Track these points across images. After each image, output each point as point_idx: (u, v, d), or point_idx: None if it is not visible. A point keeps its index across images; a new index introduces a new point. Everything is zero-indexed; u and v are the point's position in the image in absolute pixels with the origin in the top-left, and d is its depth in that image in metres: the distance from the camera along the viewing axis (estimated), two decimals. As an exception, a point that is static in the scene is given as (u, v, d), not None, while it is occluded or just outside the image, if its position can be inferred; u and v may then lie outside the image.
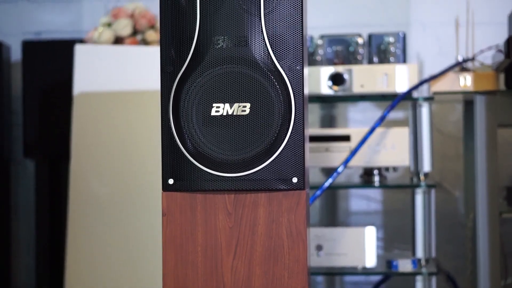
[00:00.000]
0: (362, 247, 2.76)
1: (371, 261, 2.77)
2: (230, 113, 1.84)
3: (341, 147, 2.84)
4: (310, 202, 2.56)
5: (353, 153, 2.75)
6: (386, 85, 2.81)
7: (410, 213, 2.86)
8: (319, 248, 2.78)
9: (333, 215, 3.43)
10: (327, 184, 2.67)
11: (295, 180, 1.85)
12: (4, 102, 3.46)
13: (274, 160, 1.84)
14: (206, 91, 1.84)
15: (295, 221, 1.88)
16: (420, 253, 2.80)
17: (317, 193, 2.63)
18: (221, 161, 1.84)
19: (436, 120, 3.27)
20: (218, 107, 1.84)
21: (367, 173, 2.93)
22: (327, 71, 2.84)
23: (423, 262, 2.80)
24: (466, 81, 2.85)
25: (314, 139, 2.84)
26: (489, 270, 2.87)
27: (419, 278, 2.80)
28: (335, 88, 2.84)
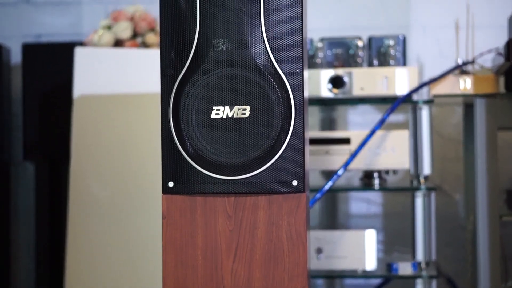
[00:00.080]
0: (362, 250, 2.76)
1: (371, 264, 2.77)
2: (230, 116, 1.84)
3: (341, 150, 2.83)
4: (310, 205, 2.56)
5: (353, 156, 2.75)
6: (386, 88, 2.81)
7: (410, 216, 2.86)
8: (319, 251, 2.78)
9: (333, 218, 3.43)
10: (327, 187, 2.67)
11: (295, 183, 1.85)
12: (4, 105, 3.46)
13: (274, 163, 1.84)
14: (206, 94, 1.84)
15: (295, 224, 1.87)
16: (420, 256, 2.80)
17: (317, 196, 2.63)
18: (221, 164, 1.84)
19: (436, 123, 3.27)
20: (218, 110, 1.84)
21: (367, 176, 2.93)
22: (327, 74, 2.84)
23: (423, 265, 2.80)
24: (466, 84, 2.85)
25: (314, 142, 2.84)
26: (490, 273, 2.87)
27: (419, 281, 2.80)
28: (335, 91, 2.84)
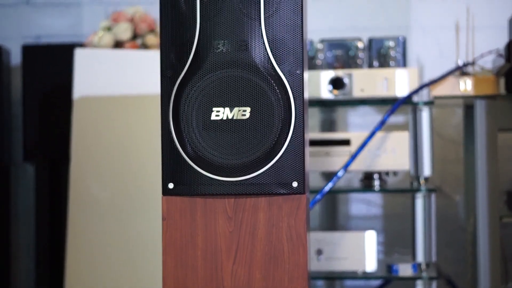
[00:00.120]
0: (362, 251, 2.76)
1: (371, 265, 2.77)
2: (230, 117, 1.84)
3: (341, 151, 2.83)
4: (310, 206, 2.56)
5: (353, 157, 2.75)
6: (386, 89, 2.81)
7: (411, 218, 2.86)
8: (319, 252, 2.78)
9: (333, 220, 3.43)
10: (327, 188, 2.67)
11: (295, 184, 1.85)
12: (4, 106, 3.46)
13: (274, 164, 1.84)
14: (206, 95, 1.84)
15: (295, 225, 1.87)
16: (420, 257, 2.80)
17: (317, 198, 2.63)
18: (221, 165, 1.84)
19: (436, 124, 3.27)
20: (218, 111, 1.84)
21: (367, 177, 2.93)
22: (327, 75, 2.84)
23: (423, 266, 2.79)
24: (466, 85, 2.85)
25: (314, 143, 2.84)
26: (490, 275, 2.87)
27: (419, 283, 2.80)
28: (335, 92, 2.84)
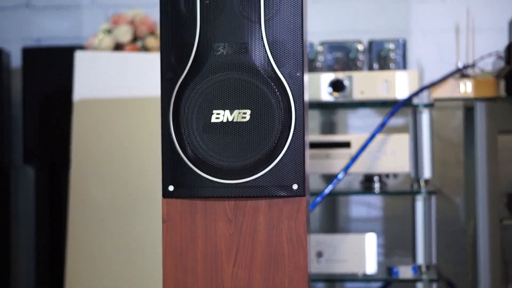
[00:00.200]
0: (362, 253, 2.76)
1: (371, 267, 2.77)
2: (230, 119, 1.84)
3: (342, 153, 2.83)
4: (311, 208, 2.56)
5: (353, 159, 2.75)
6: (386, 92, 2.81)
7: (411, 220, 2.86)
8: (319, 254, 2.78)
9: (333, 222, 3.43)
10: (327, 190, 2.67)
11: (295, 186, 1.85)
12: (4, 109, 3.46)
13: (274, 166, 1.84)
14: (206, 97, 1.84)
15: (295, 227, 1.87)
16: (420, 259, 2.80)
17: (318, 200, 2.63)
18: (221, 167, 1.84)
19: (436, 126, 3.27)
20: (218, 113, 1.84)
21: (368, 179, 2.93)
22: (327, 77, 2.84)
23: (423, 268, 2.79)
24: (466, 88, 2.85)
25: (314, 145, 2.84)
26: (490, 277, 2.87)
27: (419, 285, 2.80)
28: (335, 94, 2.84)
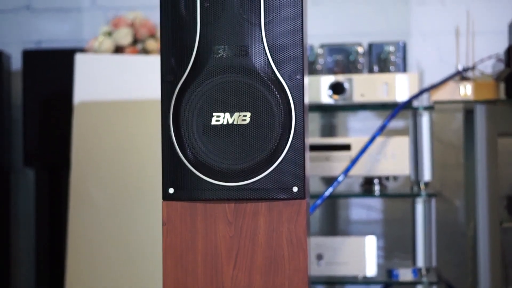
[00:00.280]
0: (362, 256, 2.76)
1: (371, 270, 2.77)
2: (231, 122, 1.84)
3: (342, 156, 2.83)
4: (311, 211, 2.56)
5: (354, 162, 2.75)
6: (386, 94, 2.81)
7: (411, 222, 2.86)
8: (319, 257, 2.78)
9: (333, 224, 3.43)
10: (327, 193, 2.67)
11: (295, 189, 1.85)
12: (4, 111, 3.46)
13: (274, 169, 1.84)
14: (207, 100, 1.84)
15: (295, 230, 1.87)
16: (420, 262, 2.80)
17: (318, 202, 2.63)
18: (222, 170, 1.84)
19: (436, 129, 3.27)
20: (219, 116, 1.84)
21: (368, 182, 2.93)
22: (327, 80, 2.84)
23: (423, 271, 2.79)
24: (466, 90, 2.85)
25: (314, 148, 2.84)
26: (490, 280, 2.87)
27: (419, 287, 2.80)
28: (335, 97, 2.84)
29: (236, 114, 1.84)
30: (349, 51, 2.96)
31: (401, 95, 2.80)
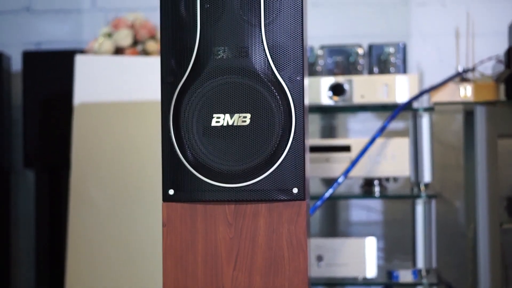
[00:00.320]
0: (362, 257, 2.76)
1: (371, 271, 2.77)
2: (231, 123, 1.84)
3: (342, 157, 2.83)
4: (311, 212, 2.56)
5: (354, 163, 2.75)
6: (386, 96, 2.81)
7: (411, 224, 2.86)
8: (319, 258, 2.78)
9: (333, 226, 3.43)
10: (327, 194, 2.67)
11: (295, 190, 1.85)
12: (4, 112, 3.46)
13: (274, 170, 1.84)
14: (207, 101, 1.84)
15: (295, 231, 1.87)
16: (420, 263, 2.80)
17: (318, 204, 2.63)
18: (222, 171, 1.84)
19: (436, 130, 3.27)
20: (219, 117, 1.84)
21: (368, 183, 2.93)
22: (327, 81, 2.84)
23: (423, 272, 2.79)
24: (466, 92, 2.85)
25: (314, 149, 2.84)
26: (490, 281, 2.87)
27: (419, 289, 2.80)
28: (336, 98, 2.84)
29: (236, 116, 1.84)
30: (349, 52, 2.96)
31: (401, 96, 2.81)
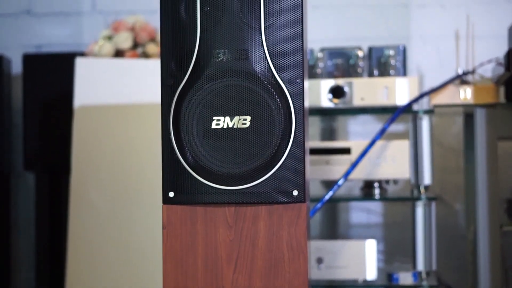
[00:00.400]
0: (362, 260, 2.76)
1: (371, 274, 2.77)
2: (231, 126, 1.84)
3: (342, 160, 2.83)
4: (311, 215, 2.56)
5: (354, 165, 2.75)
6: (386, 98, 2.82)
7: (411, 226, 2.86)
8: (319, 261, 2.78)
9: (333, 228, 3.43)
10: (327, 197, 2.67)
11: (295, 193, 1.85)
12: (4, 115, 3.46)
13: (274, 173, 1.84)
14: (207, 104, 1.84)
15: (295, 234, 1.87)
16: (420, 266, 2.80)
17: (318, 206, 2.63)
18: (222, 174, 1.84)
19: (436, 132, 3.27)
20: (219, 120, 1.84)
21: (368, 185, 2.93)
22: (327, 84, 2.85)
23: (423, 275, 2.79)
24: (466, 94, 2.85)
25: (314, 152, 2.84)
26: (490, 283, 2.87)
27: (419, 291, 2.80)
28: (336, 101, 2.84)
29: (236, 118, 1.84)
30: (349, 55, 2.96)
31: (401, 98, 2.81)
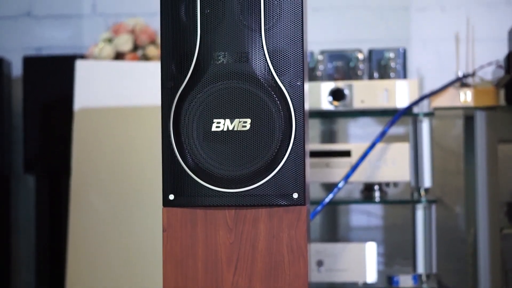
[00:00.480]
0: (362, 262, 2.76)
1: (372, 276, 2.76)
2: (231, 128, 1.84)
3: (342, 162, 2.83)
4: (311, 217, 2.56)
5: (354, 168, 2.75)
6: (386, 101, 2.82)
7: (411, 229, 2.86)
8: (319, 263, 2.77)
9: (333, 231, 3.43)
10: (327, 199, 2.67)
11: (295, 195, 1.85)
12: (4, 118, 3.46)
13: (274, 175, 1.84)
14: (207, 106, 1.84)
15: (295, 236, 1.87)
16: (421, 268, 2.80)
17: (318, 209, 2.63)
18: (222, 176, 1.84)
19: (436, 135, 3.27)
20: (219, 122, 1.84)
21: (368, 188, 2.93)
22: (327, 86, 2.85)
23: (424, 277, 2.79)
24: (466, 97, 2.85)
25: (314, 154, 2.84)
26: (490, 286, 2.86)
27: (420, 294, 2.79)
28: (336, 103, 2.84)
29: (236, 121, 1.84)
30: (349, 57, 2.96)
31: (401, 101, 2.81)
